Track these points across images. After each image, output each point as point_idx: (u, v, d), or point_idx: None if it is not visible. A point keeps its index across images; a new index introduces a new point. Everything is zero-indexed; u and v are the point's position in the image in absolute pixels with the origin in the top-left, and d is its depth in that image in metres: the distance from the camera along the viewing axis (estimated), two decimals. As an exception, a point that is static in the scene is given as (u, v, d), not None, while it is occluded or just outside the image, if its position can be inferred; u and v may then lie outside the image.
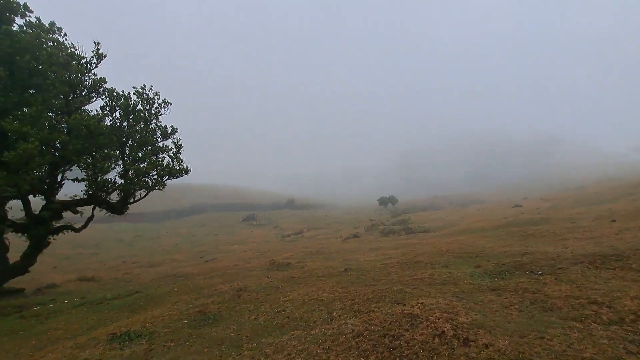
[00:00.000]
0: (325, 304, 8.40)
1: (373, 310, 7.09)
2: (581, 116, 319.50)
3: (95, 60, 14.50)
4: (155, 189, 16.00)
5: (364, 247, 21.67)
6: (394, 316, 6.49)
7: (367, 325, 6.30)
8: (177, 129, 17.29)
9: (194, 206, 73.57)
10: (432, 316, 6.13)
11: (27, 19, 13.80)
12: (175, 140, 17.07)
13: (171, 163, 16.51)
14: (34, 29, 13.48)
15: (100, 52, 14.70)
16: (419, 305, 6.87)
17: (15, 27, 13.21)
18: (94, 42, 14.54)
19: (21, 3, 13.48)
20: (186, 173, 17.11)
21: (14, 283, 15.64)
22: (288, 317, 7.86)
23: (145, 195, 16.26)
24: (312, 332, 6.58)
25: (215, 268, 19.52)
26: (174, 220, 61.93)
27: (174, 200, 68.55)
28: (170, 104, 17.27)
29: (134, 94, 15.95)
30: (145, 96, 16.20)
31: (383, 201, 66.71)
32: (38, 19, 14.06)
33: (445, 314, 6.17)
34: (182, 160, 16.93)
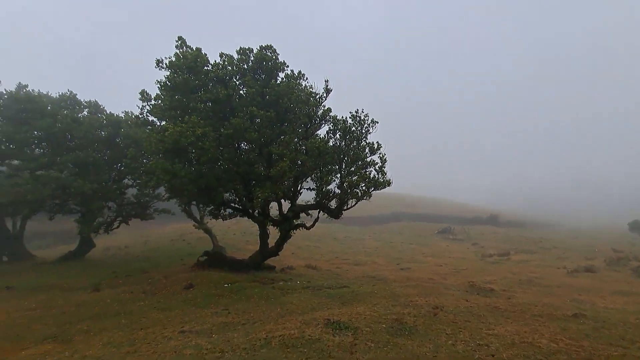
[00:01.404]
0: (544, 353, 6.91)
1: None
2: None
3: (325, 95, 17.99)
4: (363, 199, 17.95)
5: (605, 287, 16.33)
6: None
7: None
8: (381, 144, 18.76)
9: (393, 214, 77.12)
10: None
11: (285, 72, 18.70)
12: (380, 155, 18.56)
13: (376, 176, 18.04)
14: (288, 79, 18.12)
15: (328, 87, 18.11)
16: None
17: (279, 80, 18.23)
18: (325, 80, 18.09)
19: (281, 61, 18.42)
20: (388, 185, 18.22)
21: (269, 262, 21.25)
22: (493, 356, 6.97)
23: (355, 204, 18.54)
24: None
25: (410, 278, 19.66)
26: (376, 225, 66.94)
27: (377, 207, 74.02)
28: (377, 122, 18.93)
29: (349, 117, 18.58)
30: (358, 118, 18.53)
31: (637, 226, 47.71)
32: (292, 70, 18.81)
33: None
34: (385, 173, 18.20)
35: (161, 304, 12.36)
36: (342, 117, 18.47)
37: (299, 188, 18.62)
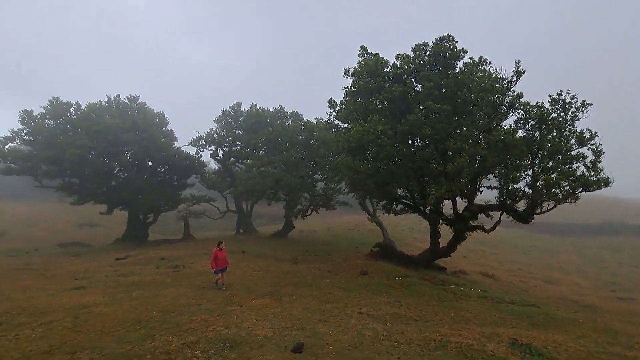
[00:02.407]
0: None
1: None
2: None
3: (515, 79, 15.20)
4: (566, 202, 14.25)
5: None
6: None
7: None
8: (596, 133, 14.28)
9: (604, 224, 56.93)
10: None
11: (463, 60, 17.04)
12: (594, 147, 14.21)
13: (587, 173, 13.94)
14: (468, 67, 16.39)
15: (519, 69, 15.19)
16: None
17: (457, 69, 16.77)
18: (515, 62, 15.24)
19: (460, 49, 16.81)
20: (606, 185, 13.78)
21: (439, 262, 20.17)
22: None
23: (553, 207, 14.95)
24: None
25: (635, 312, 14.41)
26: (576, 237, 51.94)
27: (581, 213, 57.27)
28: (590, 105, 14.52)
29: (548, 102, 15.03)
30: (560, 102, 14.76)
31: None
32: (471, 58, 16.92)
33: None
34: (600, 170, 13.82)
35: (342, 284, 13.80)
36: (538, 102, 15.22)
37: (477, 186, 16.64)
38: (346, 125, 18.63)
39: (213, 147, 34.48)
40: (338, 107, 19.20)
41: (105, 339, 6.67)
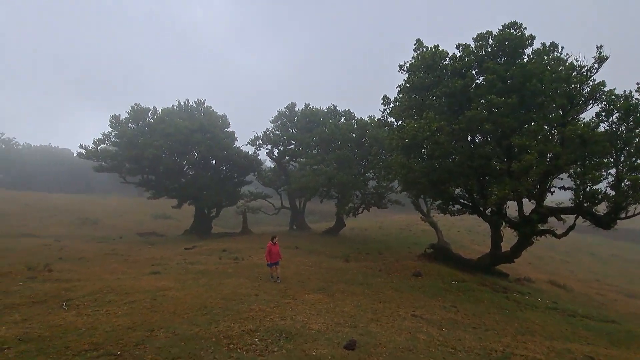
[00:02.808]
0: None
1: None
2: None
3: (596, 66, 13.36)
4: (657, 206, 12.23)
5: None
6: None
7: None
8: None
9: None
10: None
11: (532, 47, 15.45)
12: None
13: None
14: (537, 55, 14.83)
15: (601, 55, 13.31)
16: None
17: (525, 58, 15.27)
18: (596, 47, 13.38)
19: (528, 35, 15.26)
20: None
21: (500, 267, 18.67)
22: None
23: (641, 212, 12.92)
24: None
25: None
26: (676, 247, 44.13)
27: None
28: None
29: (635, 90, 12.96)
30: (655, 90, 12.65)
31: None
32: (542, 43, 15.29)
33: None
34: None
35: (394, 284, 13.49)
36: (625, 91, 13.25)
37: (548, 186, 15.01)
38: (400, 122, 18.09)
39: (269, 146, 36.01)
40: (392, 104, 18.72)
41: (177, 320, 7.37)
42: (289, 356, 5.98)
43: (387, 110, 19.06)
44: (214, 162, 34.84)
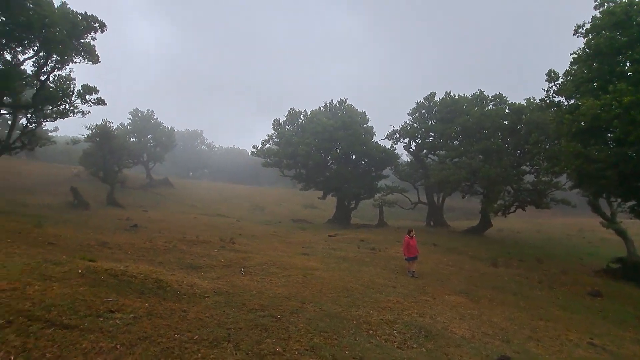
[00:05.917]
0: None
1: None
2: None
3: None
4: None
5: None
6: None
7: None
8: None
9: None
10: None
11: None
12: None
13: None
14: None
15: None
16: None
17: None
18: None
19: None
20: None
21: None
22: None
23: None
24: None
25: None
26: None
27: None
28: None
29: None
30: None
31: None
32: None
33: None
34: None
35: (560, 302, 10.84)
36: None
37: None
38: (573, 101, 14.19)
39: (406, 140, 34.87)
40: (561, 79, 14.87)
41: (323, 298, 8.07)
42: (429, 356, 5.62)
43: (554, 88, 15.23)
44: (353, 156, 36.44)
